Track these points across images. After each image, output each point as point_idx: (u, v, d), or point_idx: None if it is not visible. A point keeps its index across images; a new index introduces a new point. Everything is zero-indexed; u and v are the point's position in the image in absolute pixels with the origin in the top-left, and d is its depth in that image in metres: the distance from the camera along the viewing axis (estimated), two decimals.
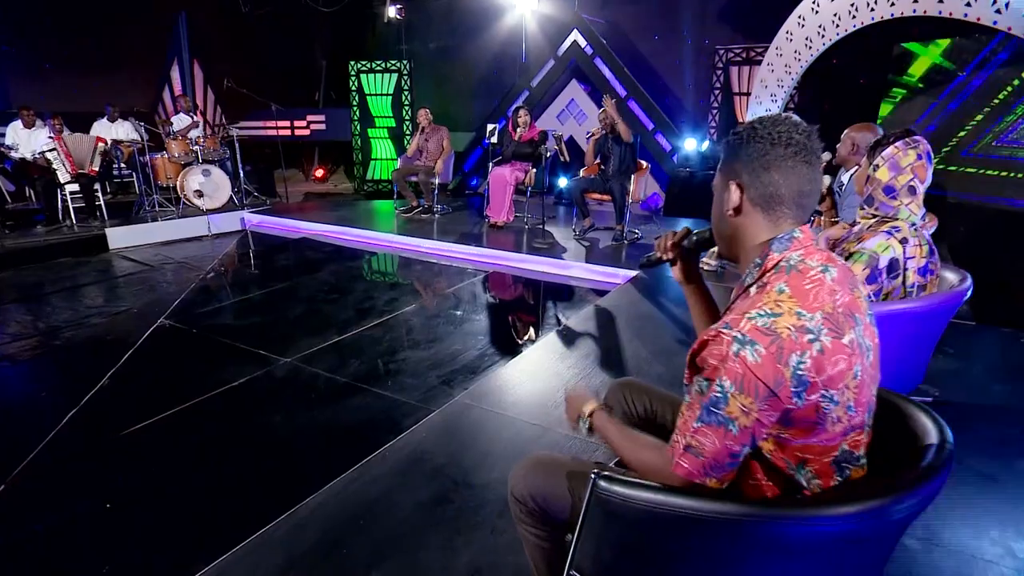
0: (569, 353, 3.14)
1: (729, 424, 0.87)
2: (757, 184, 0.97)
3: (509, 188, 5.86)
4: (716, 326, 0.91)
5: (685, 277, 1.33)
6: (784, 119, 0.97)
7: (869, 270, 1.84)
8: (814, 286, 0.90)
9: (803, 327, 0.85)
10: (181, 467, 2.28)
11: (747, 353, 0.84)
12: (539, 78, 9.13)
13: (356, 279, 4.72)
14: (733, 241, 1.05)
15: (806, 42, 5.58)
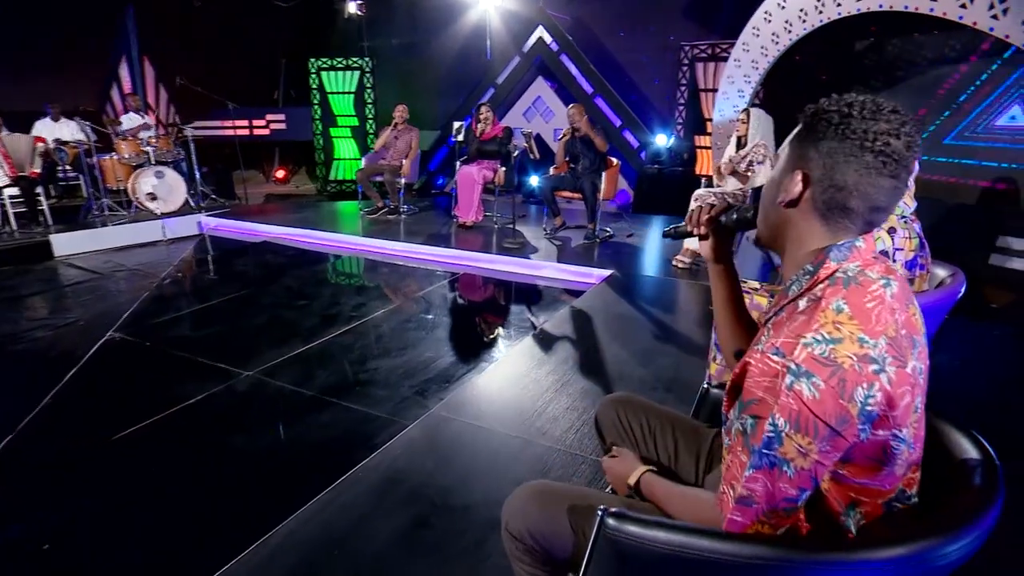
0: (547, 358, 3.03)
1: (784, 465, 0.75)
2: (827, 184, 0.83)
3: (477, 187, 5.73)
4: (763, 348, 0.79)
5: (715, 256, 1.18)
6: (887, 111, 0.80)
7: None
8: (876, 304, 0.78)
9: (867, 356, 0.73)
10: (131, 497, 2.09)
11: (803, 387, 0.73)
12: (504, 75, 9.01)
13: (321, 284, 4.53)
14: (779, 233, 0.92)
15: (772, 38, 5.59)
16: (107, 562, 1.78)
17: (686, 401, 2.59)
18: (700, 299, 3.99)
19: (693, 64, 8.15)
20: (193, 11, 9.14)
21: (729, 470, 0.81)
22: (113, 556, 1.81)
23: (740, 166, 4.45)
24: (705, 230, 1.16)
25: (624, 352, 3.09)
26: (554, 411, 2.50)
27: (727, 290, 1.19)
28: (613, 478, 1.18)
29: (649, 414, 1.35)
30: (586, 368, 2.91)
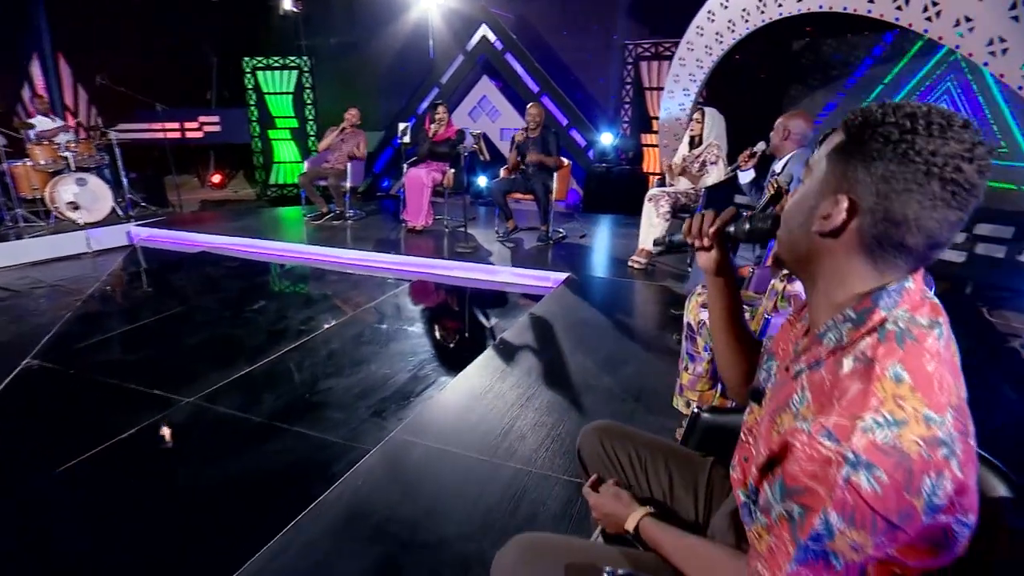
0: (510, 370, 2.93)
1: (833, 558, 0.65)
2: (880, 216, 0.69)
3: (426, 190, 5.57)
4: (809, 428, 0.67)
5: (716, 268, 1.06)
6: (957, 127, 0.66)
7: None
8: (936, 365, 0.67)
9: (935, 439, 0.62)
10: (54, 548, 1.87)
11: (862, 480, 0.62)
12: (449, 74, 8.86)
13: (266, 297, 4.28)
14: (810, 263, 0.79)
15: (716, 37, 5.65)
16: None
17: (655, 411, 2.55)
18: (659, 300, 3.98)
19: (637, 63, 8.21)
20: (113, 5, 8.57)
21: (772, 556, 0.70)
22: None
23: (693, 166, 4.46)
24: (711, 243, 1.04)
25: (588, 360, 3.02)
26: (521, 428, 2.40)
27: (728, 306, 1.09)
28: (605, 518, 1.08)
29: (637, 444, 1.26)
30: (550, 379, 2.83)
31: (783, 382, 0.82)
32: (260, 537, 1.77)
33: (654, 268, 4.57)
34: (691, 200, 4.44)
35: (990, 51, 3.46)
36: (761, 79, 6.82)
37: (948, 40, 3.74)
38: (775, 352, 0.97)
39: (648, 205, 4.48)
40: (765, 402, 0.87)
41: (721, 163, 4.39)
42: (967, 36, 3.61)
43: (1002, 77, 3.49)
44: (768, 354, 1.00)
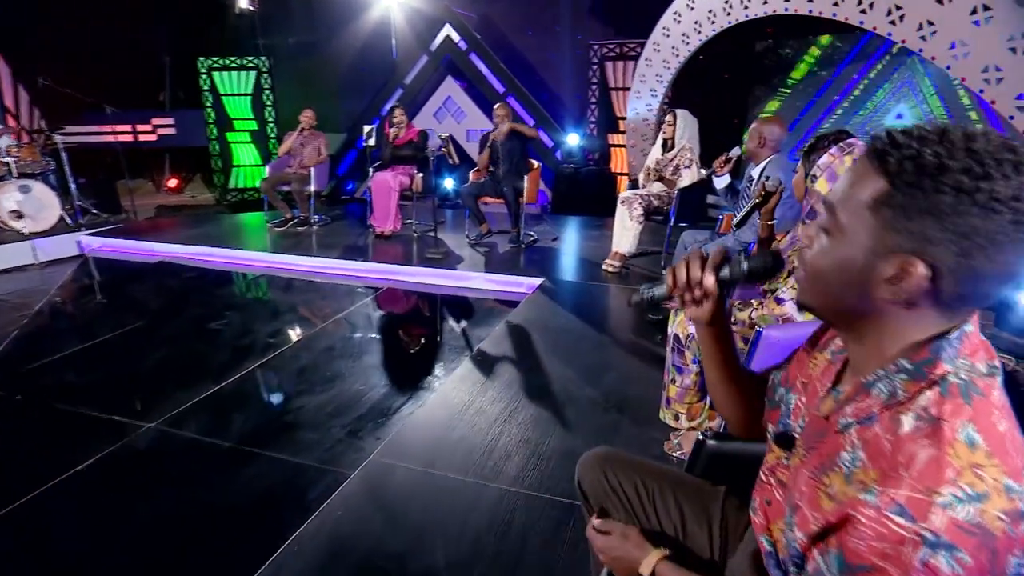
0: (489, 383, 2.85)
1: None
2: (963, 274, 0.62)
3: (394, 194, 5.45)
4: (876, 501, 0.60)
5: (710, 318, 0.97)
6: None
7: None
8: (1007, 423, 0.61)
9: (1018, 512, 0.56)
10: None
11: (942, 562, 0.55)
12: (412, 75, 8.72)
13: (230, 309, 4.09)
14: (857, 320, 0.72)
15: (683, 38, 5.67)
16: None
17: (641, 423, 2.50)
18: (619, 304, 3.93)
19: (603, 63, 8.21)
20: (56, 1, 8.17)
21: None
22: None
23: (667, 170, 4.45)
24: (700, 293, 0.94)
25: (568, 370, 2.97)
26: (506, 446, 2.33)
27: (722, 352, 1.01)
28: (615, 562, 1.02)
29: (643, 474, 1.20)
30: (532, 392, 2.76)
31: (822, 432, 0.76)
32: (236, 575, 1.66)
33: (628, 271, 4.55)
34: (664, 203, 4.44)
35: (952, 54, 3.53)
36: (725, 80, 6.88)
37: (912, 43, 3.81)
38: (792, 386, 0.92)
39: (621, 208, 4.46)
40: (799, 451, 0.81)
41: (695, 166, 4.40)
42: (929, 40, 3.68)
43: (964, 80, 3.56)
44: (782, 387, 0.95)
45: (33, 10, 8.26)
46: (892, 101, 5.52)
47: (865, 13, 3.96)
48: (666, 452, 2.27)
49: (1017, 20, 3.21)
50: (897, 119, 5.52)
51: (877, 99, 5.62)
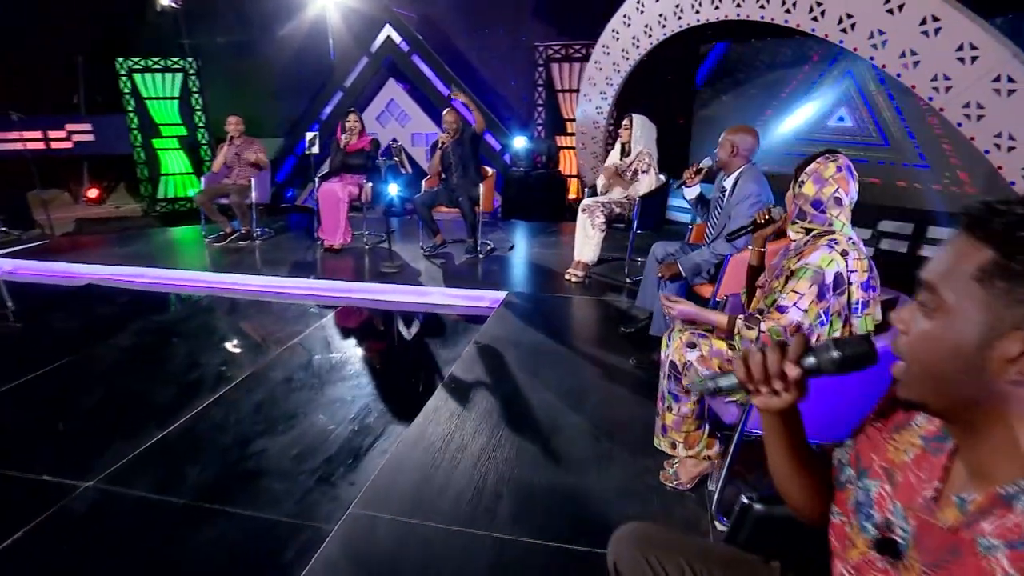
0: (468, 414, 2.70)
1: None
2: None
3: (343, 205, 5.19)
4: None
5: (788, 409, 0.87)
6: None
7: (816, 287, 1.71)
8: None
9: None
10: None
11: None
12: (353, 77, 8.42)
13: (172, 339, 3.75)
14: (978, 411, 0.65)
15: (633, 42, 5.65)
16: None
17: (635, 451, 2.38)
18: (605, 318, 3.87)
19: (548, 64, 8.15)
20: None
21: None
22: None
23: (626, 175, 4.41)
24: (795, 384, 0.83)
25: (548, 394, 2.85)
26: (495, 486, 2.18)
27: (793, 439, 0.92)
28: None
29: (687, 554, 1.07)
30: (514, 421, 2.63)
31: (953, 550, 0.65)
32: None
33: (591, 280, 4.48)
34: (625, 209, 4.39)
35: (903, 63, 3.61)
36: (670, 82, 6.93)
37: (864, 51, 3.89)
38: (868, 469, 0.83)
39: (582, 216, 4.38)
40: (914, 565, 0.70)
41: (652, 171, 4.36)
42: (880, 49, 3.77)
43: (914, 87, 3.65)
44: (851, 468, 0.85)
45: None
46: (834, 105, 5.67)
47: (817, 21, 4.03)
48: (662, 482, 2.19)
49: (964, 31, 3.31)
50: (839, 122, 5.68)
51: (820, 103, 5.76)
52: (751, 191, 2.82)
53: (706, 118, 6.87)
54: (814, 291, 1.70)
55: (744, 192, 2.83)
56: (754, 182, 2.84)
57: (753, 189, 2.82)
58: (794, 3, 4.05)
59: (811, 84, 5.83)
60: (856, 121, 5.54)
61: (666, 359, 2.06)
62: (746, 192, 2.83)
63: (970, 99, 3.35)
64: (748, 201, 2.82)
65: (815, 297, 1.70)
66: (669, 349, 2.04)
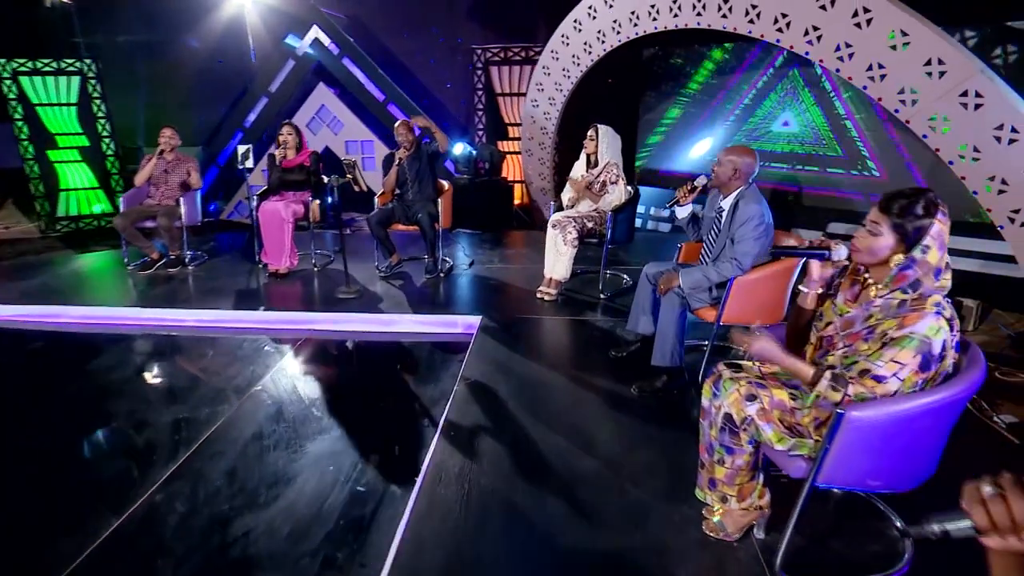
0: (477, 467, 2.45)
1: None
2: None
3: (287, 226, 4.75)
4: None
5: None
6: None
7: (921, 357, 1.57)
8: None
9: None
10: None
11: None
12: (279, 82, 7.89)
13: (104, 395, 3.25)
14: None
15: (585, 47, 5.53)
16: None
17: (669, 498, 2.17)
18: (591, 341, 3.70)
19: (487, 67, 7.93)
20: None
21: None
22: None
23: (595, 186, 4.27)
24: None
25: (557, 437, 2.65)
26: (535, 552, 1.96)
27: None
28: None
29: None
30: (529, 473, 2.41)
31: None
32: None
33: (563, 298, 4.32)
34: (597, 223, 4.25)
35: (869, 76, 3.68)
36: (614, 86, 6.88)
37: (799, 48, 3.96)
38: None
39: (553, 232, 4.21)
40: None
41: (621, 182, 4.25)
42: (815, 44, 3.87)
43: (880, 100, 3.72)
44: None
45: None
46: (779, 109, 5.80)
47: (753, 23, 4.07)
48: (707, 533, 2.04)
49: (933, 46, 3.38)
50: (784, 127, 5.81)
51: (766, 107, 5.88)
52: (754, 212, 2.74)
53: (650, 122, 6.88)
54: (917, 361, 1.57)
55: (748, 214, 2.74)
56: (756, 203, 2.76)
57: (756, 211, 2.74)
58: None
59: (756, 91, 5.93)
60: (801, 126, 5.69)
61: (715, 409, 1.91)
62: (750, 214, 2.74)
63: (936, 112, 3.44)
64: (752, 223, 2.73)
65: (917, 367, 1.58)
66: (720, 399, 1.89)
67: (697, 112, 6.48)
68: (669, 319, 2.88)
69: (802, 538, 2.01)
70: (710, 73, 6.29)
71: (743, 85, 6.02)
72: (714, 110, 6.33)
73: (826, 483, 1.72)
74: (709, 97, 6.35)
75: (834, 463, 1.68)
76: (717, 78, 6.22)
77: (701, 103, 6.43)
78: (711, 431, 1.96)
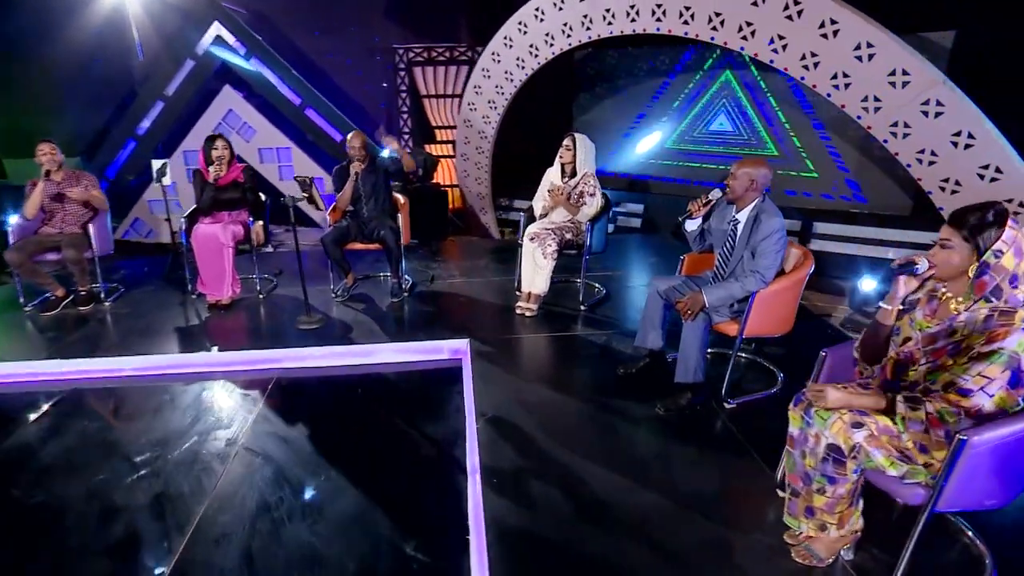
0: (543, 519, 2.24)
1: None
2: None
3: (227, 251, 4.22)
4: None
5: None
6: None
7: (1011, 373, 1.60)
8: None
9: None
10: None
11: None
12: (176, 84, 7.11)
13: (48, 476, 2.68)
14: None
15: (531, 50, 5.39)
16: None
17: (744, 527, 2.12)
18: (589, 356, 3.58)
19: (411, 68, 7.61)
20: None
21: None
22: None
23: (572, 198, 4.15)
24: None
25: (603, 471, 2.49)
26: None
27: None
28: None
29: None
30: (597, 521, 2.23)
31: None
32: None
33: (543, 311, 4.18)
34: (574, 234, 4.14)
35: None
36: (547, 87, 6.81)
37: (733, 44, 4.13)
38: None
39: (531, 245, 4.05)
40: None
41: (599, 192, 4.17)
42: (750, 39, 4.05)
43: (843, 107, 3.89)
44: None
45: None
46: (713, 109, 5.99)
47: (688, 24, 4.21)
48: (798, 560, 2.00)
49: (898, 57, 3.58)
50: (719, 126, 6.01)
51: (701, 107, 6.05)
52: (777, 226, 2.74)
53: (585, 123, 6.89)
54: (1007, 377, 1.59)
55: (771, 227, 2.74)
56: (776, 216, 2.77)
57: (778, 224, 2.75)
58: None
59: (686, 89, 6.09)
60: (735, 125, 5.91)
61: (813, 438, 1.86)
62: (773, 227, 2.74)
63: (898, 119, 3.65)
64: (775, 236, 2.74)
65: (1007, 383, 1.60)
66: (817, 428, 1.84)
67: (631, 113, 6.56)
68: (693, 336, 2.83)
69: (889, 556, 2.02)
70: (644, 74, 6.37)
71: (679, 86, 6.15)
72: (648, 111, 6.44)
73: (946, 508, 1.72)
74: (643, 98, 6.44)
75: (955, 488, 1.68)
76: (652, 79, 6.32)
77: (635, 104, 6.52)
78: (805, 460, 1.91)
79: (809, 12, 3.74)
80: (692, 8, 4.21)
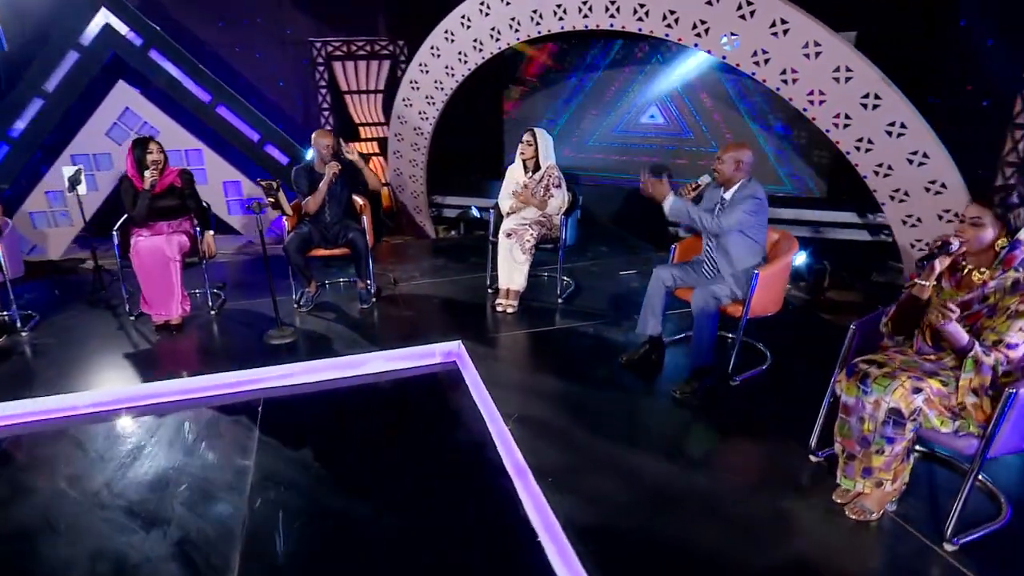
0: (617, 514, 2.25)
1: None
2: None
3: (174, 265, 3.81)
4: None
5: None
6: None
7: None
8: None
9: None
10: None
11: None
12: (58, 78, 6.30)
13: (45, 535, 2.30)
14: None
15: (475, 44, 5.32)
16: None
17: (798, 494, 2.28)
18: (583, 347, 3.62)
19: (330, 63, 7.25)
20: None
21: None
22: None
23: (538, 192, 4.17)
24: None
25: (649, 458, 2.54)
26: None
27: None
28: None
29: None
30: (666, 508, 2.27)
31: None
32: None
33: (522, 307, 4.17)
34: (549, 228, 4.17)
35: (783, 79, 4.14)
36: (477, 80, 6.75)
37: (687, 40, 4.40)
38: None
39: (508, 242, 4.02)
40: None
41: (564, 185, 4.22)
42: (703, 36, 4.30)
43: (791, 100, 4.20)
44: None
45: None
46: (643, 101, 6.24)
47: (642, 21, 4.39)
48: (852, 516, 2.17)
49: (843, 56, 3.92)
50: (650, 119, 6.29)
51: (631, 99, 6.28)
52: (751, 192, 2.96)
53: (517, 117, 6.91)
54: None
55: (746, 193, 2.96)
56: (757, 187, 2.99)
57: (755, 190, 2.97)
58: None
59: (627, 85, 6.30)
60: (666, 118, 6.21)
61: (872, 405, 2.01)
62: (749, 193, 2.96)
63: (840, 111, 4.02)
64: (750, 201, 2.92)
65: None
66: (875, 395, 1.99)
67: (561, 106, 6.68)
68: (705, 321, 2.96)
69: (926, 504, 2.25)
70: (575, 68, 6.50)
71: (609, 79, 6.34)
72: (579, 104, 6.59)
73: (996, 454, 1.94)
74: (576, 92, 6.58)
75: (1005, 436, 1.90)
76: (583, 73, 6.47)
77: (567, 98, 6.64)
78: (863, 425, 2.07)
79: (761, 12, 4.01)
80: (647, 5, 4.35)
